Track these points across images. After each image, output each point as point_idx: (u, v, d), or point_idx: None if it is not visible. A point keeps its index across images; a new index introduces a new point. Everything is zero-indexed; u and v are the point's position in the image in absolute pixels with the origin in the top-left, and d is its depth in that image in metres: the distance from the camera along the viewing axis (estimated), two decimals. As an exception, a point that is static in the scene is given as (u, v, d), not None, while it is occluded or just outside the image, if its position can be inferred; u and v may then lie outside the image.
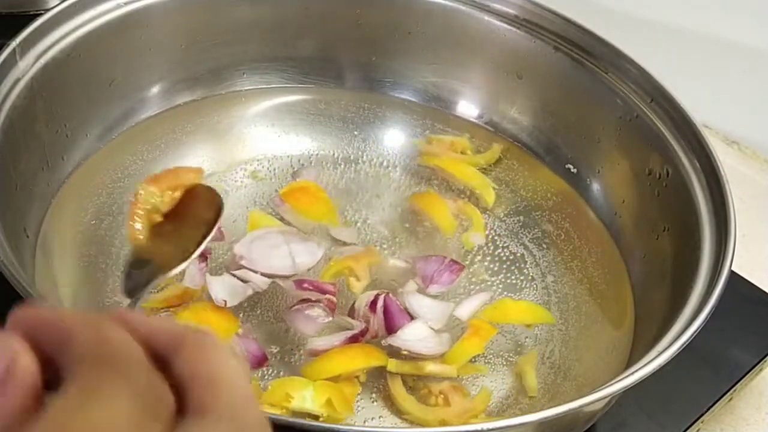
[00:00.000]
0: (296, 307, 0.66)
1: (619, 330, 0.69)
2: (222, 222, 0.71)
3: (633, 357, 0.64)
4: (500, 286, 0.73)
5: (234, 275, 0.67)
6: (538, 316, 0.70)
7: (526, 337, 0.69)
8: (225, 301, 0.65)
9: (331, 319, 0.66)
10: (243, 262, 0.68)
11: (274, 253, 0.68)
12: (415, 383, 0.64)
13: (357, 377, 0.64)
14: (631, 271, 0.72)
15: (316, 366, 0.62)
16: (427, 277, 0.70)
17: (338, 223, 0.74)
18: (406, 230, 0.76)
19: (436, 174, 0.81)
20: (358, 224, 0.76)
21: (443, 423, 0.61)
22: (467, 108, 0.84)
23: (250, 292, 0.66)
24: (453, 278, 0.70)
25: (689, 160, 0.70)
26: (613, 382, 0.54)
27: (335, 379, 0.62)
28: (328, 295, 0.66)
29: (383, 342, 0.64)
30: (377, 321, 0.65)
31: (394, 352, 0.65)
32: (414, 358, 0.64)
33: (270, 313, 0.67)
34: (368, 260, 0.70)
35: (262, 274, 0.67)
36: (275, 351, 0.65)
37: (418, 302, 0.67)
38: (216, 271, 0.68)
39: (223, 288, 0.65)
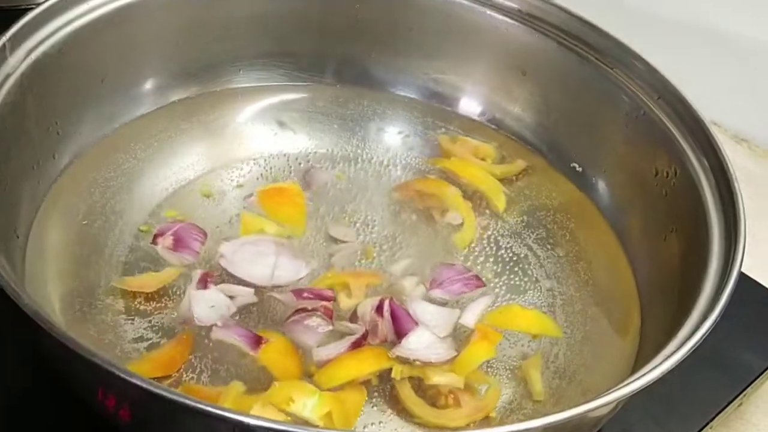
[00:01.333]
0: (293, 317, 0.66)
1: (625, 333, 0.69)
2: (215, 222, 0.73)
3: (639, 361, 0.64)
4: (503, 288, 0.73)
5: (219, 289, 0.67)
6: (545, 327, 0.70)
7: (530, 341, 0.69)
8: (200, 320, 0.65)
9: (331, 327, 0.66)
10: (221, 261, 0.68)
11: (258, 261, 0.69)
12: (422, 383, 0.64)
13: (368, 381, 0.64)
14: (638, 272, 0.72)
15: (328, 373, 0.62)
16: (436, 281, 0.70)
17: (302, 233, 0.73)
18: (408, 230, 0.76)
19: (443, 174, 0.80)
20: (357, 224, 0.76)
21: (455, 426, 0.61)
22: (469, 105, 0.84)
23: (234, 309, 0.66)
24: (462, 291, 0.70)
25: (697, 158, 0.70)
26: (619, 386, 0.54)
27: (345, 385, 0.62)
28: (324, 303, 0.66)
29: (390, 354, 0.64)
30: (386, 325, 0.65)
31: (401, 359, 0.64)
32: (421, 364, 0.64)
33: (264, 321, 0.67)
34: (368, 280, 0.70)
35: (238, 280, 0.67)
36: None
37: (422, 309, 0.67)
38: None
39: (206, 305, 0.65)
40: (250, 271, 0.68)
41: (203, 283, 0.67)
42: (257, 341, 0.63)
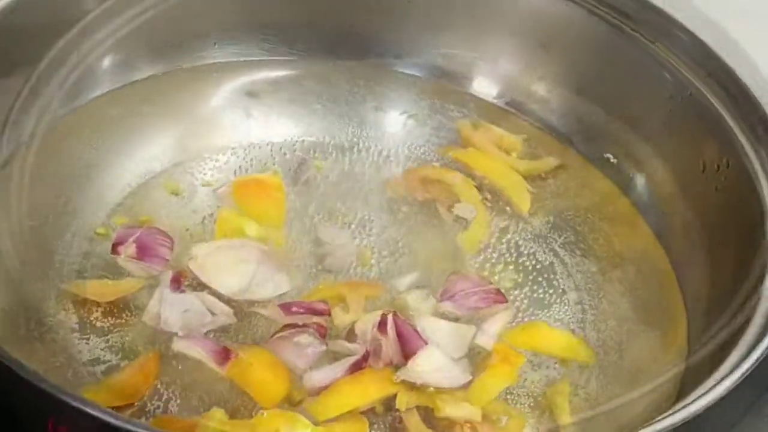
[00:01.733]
0: (280, 334, 0.65)
1: (668, 354, 0.68)
2: (185, 223, 0.73)
3: (685, 387, 0.64)
4: (525, 301, 0.72)
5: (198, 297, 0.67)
6: (575, 350, 0.69)
7: (556, 363, 0.69)
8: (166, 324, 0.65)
9: (325, 347, 0.65)
10: (191, 264, 0.68)
11: (235, 269, 0.68)
12: (432, 412, 0.63)
13: (371, 410, 0.63)
14: (684, 282, 0.72)
15: (323, 402, 0.62)
16: (448, 293, 0.69)
17: (280, 234, 0.73)
18: (412, 231, 0.75)
19: (455, 166, 0.80)
20: (353, 225, 0.75)
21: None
22: (484, 85, 0.83)
23: (209, 319, 0.66)
24: (479, 307, 0.69)
25: (753, 148, 0.69)
26: (660, 417, 0.54)
27: (344, 415, 0.62)
28: (317, 318, 0.65)
29: (395, 378, 0.63)
30: (390, 345, 0.64)
31: (408, 384, 0.64)
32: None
33: (244, 340, 0.66)
34: (367, 292, 0.69)
35: (206, 287, 0.67)
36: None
37: (432, 326, 0.66)
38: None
39: (179, 308, 0.65)
40: (222, 279, 0.68)
41: (176, 284, 0.66)
42: (225, 355, 0.62)
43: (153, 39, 0.79)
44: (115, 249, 0.69)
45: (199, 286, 0.68)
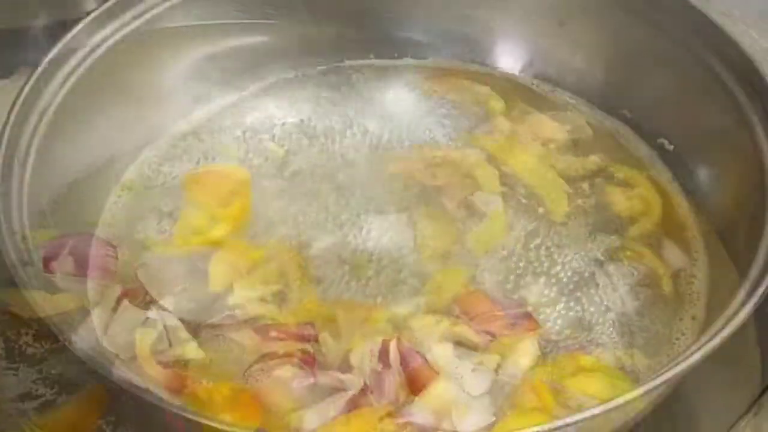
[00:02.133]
0: (257, 366, 0.64)
1: (737, 386, 0.68)
2: (138, 225, 0.73)
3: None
4: (558, 321, 0.70)
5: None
6: (623, 391, 0.67)
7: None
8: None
9: (313, 380, 0.64)
10: (139, 273, 0.68)
11: (194, 283, 0.69)
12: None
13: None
14: (755, 296, 0.67)
15: None
16: (465, 313, 0.69)
17: (257, 245, 0.73)
18: (418, 235, 0.75)
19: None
20: (345, 227, 0.75)
21: None
22: (504, 55, 0.84)
23: (163, 346, 0.65)
24: (503, 334, 0.68)
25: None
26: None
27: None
28: (303, 345, 0.65)
29: (400, 418, 0.62)
30: (394, 378, 0.64)
31: (415, 427, 0.62)
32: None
33: (215, 371, 0.66)
34: (364, 314, 0.69)
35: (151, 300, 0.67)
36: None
37: (444, 355, 0.66)
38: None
39: (133, 321, 0.66)
40: (179, 295, 0.68)
41: (125, 300, 0.67)
42: (180, 383, 0.62)
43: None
44: (47, 266, 0.68)
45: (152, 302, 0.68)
